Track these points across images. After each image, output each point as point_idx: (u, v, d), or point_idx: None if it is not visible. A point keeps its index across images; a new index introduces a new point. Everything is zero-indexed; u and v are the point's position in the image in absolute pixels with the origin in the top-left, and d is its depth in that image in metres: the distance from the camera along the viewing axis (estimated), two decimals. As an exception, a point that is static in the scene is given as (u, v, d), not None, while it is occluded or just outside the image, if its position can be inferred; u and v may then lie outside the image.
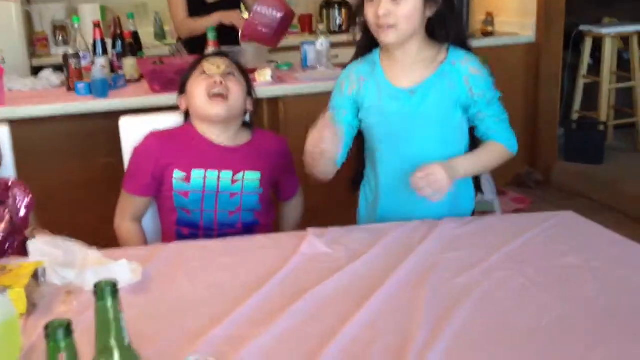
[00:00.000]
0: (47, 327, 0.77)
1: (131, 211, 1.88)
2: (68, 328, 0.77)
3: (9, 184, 1.81)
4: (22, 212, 1.79)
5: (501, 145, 1.76)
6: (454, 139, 1.76)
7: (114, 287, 0.82)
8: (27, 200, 1.81)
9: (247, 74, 1.97)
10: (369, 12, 1.67)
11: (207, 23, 3.17)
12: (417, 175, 1.60)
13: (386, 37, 1.66)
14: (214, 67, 1.87)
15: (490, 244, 1.51)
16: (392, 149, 1.76)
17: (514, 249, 1.49)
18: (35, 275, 1.30)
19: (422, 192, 1.60)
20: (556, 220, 1.65)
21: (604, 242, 1.53)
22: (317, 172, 1.67)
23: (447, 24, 1.71)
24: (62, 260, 1.37)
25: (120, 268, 1.32)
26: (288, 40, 4.32)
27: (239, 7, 3.35)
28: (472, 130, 1.79)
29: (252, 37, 3.10)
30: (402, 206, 1.76)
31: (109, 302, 0.82)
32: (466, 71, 1.71)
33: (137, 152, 1.88)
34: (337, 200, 2.60)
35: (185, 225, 1.84)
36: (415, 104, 1.72)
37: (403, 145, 1.75)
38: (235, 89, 1.86)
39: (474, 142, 1.80)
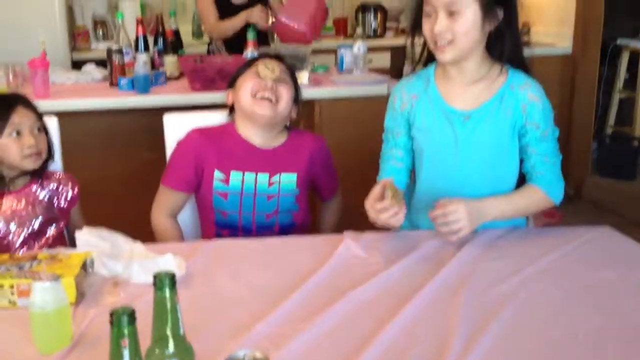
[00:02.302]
0: (112, 314, 0.81)
1: (168, 206, 1.90)
2: (132, 315, 0.81)
3: (57, 175, 1.86)
4: (62, 203, 1.84)
5: (541, 191, 1.66)
6: (504, 168, 1.69)
7: (172, 279, 0.86)
8: (70, 193, 1.85)
9: (296, 81, 1.98)
10: (426, 28, 1.61)
11: (235, 23, 3.22)
12: (435, 212, 1.52)
13: (444, 55, 1.60)
14: (268, 70, 1.87)
15: (527, 256, 1.51)
16: (437, 171, 1.70)
17: (551, 261, 1.50)
18: (83, 266, 1.33)
19: (438, 229, 1.54)
20: (593, 235, 1.65)
21: (641, 258, 1.53)
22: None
23: (504, 40, 1.61)
24: (109, 252, 1.40)
25: (166, 262, 1.36)
26: (323, 43, 4.39)
27: (266, 5, 3.37)
28: (522, 161, 1.71)
29: (287, 39, 3.15)
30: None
31: (167, 293, 0.85)
32: (525, 98, 1.63)
33: (180, 146, 1.90)
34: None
35: (224, 227, 1.86)
36: (468, 130, 1.65)
37: (449, 169, 1.68)
38: (286, 95, 1.87)
39: (521, 175, 1.71)
